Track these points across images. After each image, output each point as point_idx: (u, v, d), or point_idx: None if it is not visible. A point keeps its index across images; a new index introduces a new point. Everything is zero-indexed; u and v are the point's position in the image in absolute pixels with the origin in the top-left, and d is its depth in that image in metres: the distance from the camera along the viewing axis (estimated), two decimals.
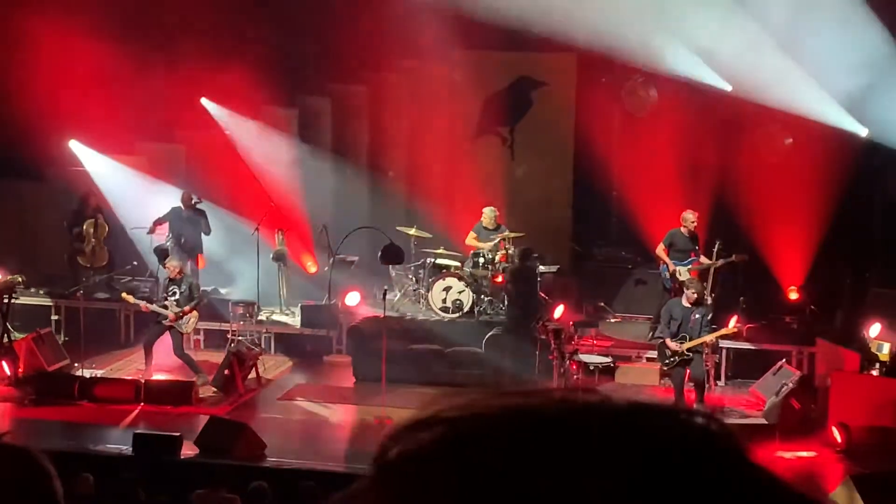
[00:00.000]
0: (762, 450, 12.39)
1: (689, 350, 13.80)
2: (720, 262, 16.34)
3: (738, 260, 16.29)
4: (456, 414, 0.89)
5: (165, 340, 15.41)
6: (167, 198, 17.89)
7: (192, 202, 17.56)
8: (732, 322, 14.58)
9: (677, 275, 16.36)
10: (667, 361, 14.14)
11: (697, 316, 13.79)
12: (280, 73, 18.45)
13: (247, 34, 18.15)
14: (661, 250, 16.43)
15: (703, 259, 16.42)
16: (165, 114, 18.42)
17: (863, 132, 17.19)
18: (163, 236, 17.52)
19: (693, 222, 16.34)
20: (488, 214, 17.07)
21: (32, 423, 13.63)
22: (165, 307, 15.27)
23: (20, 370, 15.07)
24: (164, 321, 15.26)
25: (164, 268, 15.77)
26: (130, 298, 15.79)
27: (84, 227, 18.30)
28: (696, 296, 13.84)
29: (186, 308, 15.25)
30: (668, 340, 13.96)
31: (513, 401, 0.90)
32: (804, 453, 13.12)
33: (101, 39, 17.29)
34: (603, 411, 0.89)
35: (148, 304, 15.56)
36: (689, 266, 16.38)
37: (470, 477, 0.84)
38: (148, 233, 17.54)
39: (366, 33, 18.28)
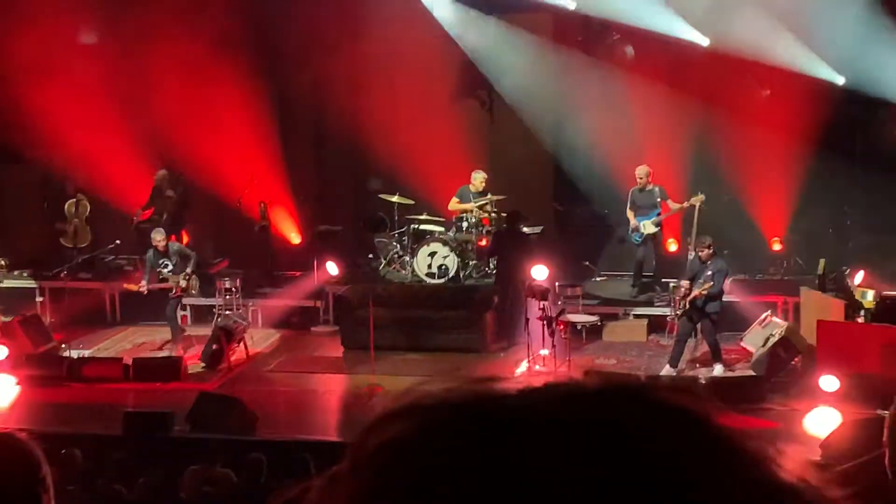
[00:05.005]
0: (751, 400, 12.49)
1: (694, 308, 13.94)
2: (678, 207, 16.40)
3: (695, 202, 16.24)
4: (429, 403, 0.90)
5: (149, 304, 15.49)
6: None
7: (164, 179, 17.64)
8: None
9: (642, 229, 16.42)
10: (678, 312, 14.51)
11: (709, 272, 13.88)
12: (257, 47, 18.34)
13: (223, 11, 17.97)
14: (628, 211, 16.57)
15: (670, 204, 16.46)
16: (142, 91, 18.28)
17: (840, 81, 17.17)
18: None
19: (643, 177, 16.40)
20: (478, 178, 16.88)
21: (22, 406, 13.59)
22: (166, 280, 15.35)
23: (7, 353, 15.03)
24: (171, 293, 15.47)
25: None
26: (133, 287, 15.79)
27: (66, 207, 18.21)
28: (705, 252, 13.93)
29: (189, 271, 15.43)
30: (683, 287, 14.22)
31: (485, 389, 0.91)
32: (793, 402, 13.20)
33: (78, 22, 17.22)
34: (571, 403, 0.89)
35: (149, 285, 15.59)
36: (654, 219, 16.43)
37: (439, 469, 0.85)
38: (137, 220, 17.47)
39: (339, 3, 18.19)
